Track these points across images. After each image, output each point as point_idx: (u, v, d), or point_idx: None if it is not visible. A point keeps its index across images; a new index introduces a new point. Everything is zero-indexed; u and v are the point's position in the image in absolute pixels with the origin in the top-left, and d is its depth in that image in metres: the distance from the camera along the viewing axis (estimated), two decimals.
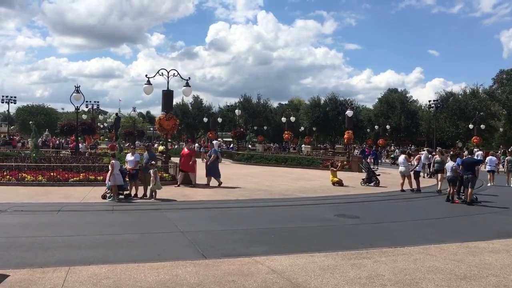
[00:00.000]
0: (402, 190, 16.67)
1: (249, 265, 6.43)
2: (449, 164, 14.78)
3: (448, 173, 14.56)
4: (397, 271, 6.25)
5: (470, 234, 9.26)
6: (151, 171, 13.45)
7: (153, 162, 14.04)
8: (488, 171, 20.41)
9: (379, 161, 36.56)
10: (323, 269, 6.29)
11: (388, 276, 6.01)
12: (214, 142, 40.81)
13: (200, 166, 18.07)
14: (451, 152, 17.86)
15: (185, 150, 17.55)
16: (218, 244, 7.92)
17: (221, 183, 17.03)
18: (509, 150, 25.18)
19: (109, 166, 13.01)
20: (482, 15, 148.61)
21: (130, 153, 14.63)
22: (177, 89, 31.61)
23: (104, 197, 12.94)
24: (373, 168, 23.22)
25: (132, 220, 10.39)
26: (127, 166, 13.93)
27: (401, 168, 17.03)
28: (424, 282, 5.79)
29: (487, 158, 21.68)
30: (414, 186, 16.86)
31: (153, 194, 13.52)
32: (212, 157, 17.14)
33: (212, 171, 17.15)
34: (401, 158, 17.68)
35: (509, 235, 9.13)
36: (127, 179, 13.75)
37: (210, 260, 6.72)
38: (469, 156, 15.10)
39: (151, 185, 13.38)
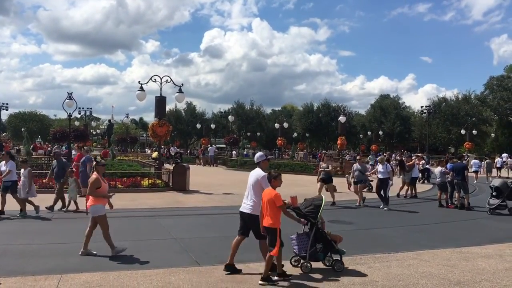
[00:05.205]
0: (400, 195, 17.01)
1: (243, 271, 6.41)
2: (438, 169, 15.39)
3: (437, 179, 15.02)
4: (390, 277, 6.26)
5: (463, 240, 9.31)
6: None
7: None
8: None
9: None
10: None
11: (382, 282, 6.02)
12: (209, 148, 40.80)
13: (197, 172, 17.93)
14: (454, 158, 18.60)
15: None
16: (212, 250, 7.90)
17: None
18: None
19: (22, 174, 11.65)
20: (474, 22, 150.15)
21: (4, 162, 11.93)
22: (170, 96, 31.43)
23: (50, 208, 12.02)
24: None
25: (125, 227, 10.30)
26: None
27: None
28: None
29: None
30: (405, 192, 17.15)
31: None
32: (88, 166, 14.69)
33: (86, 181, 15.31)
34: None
35: (501, 240, 9.21)
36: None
37: (203, 267, 6.71)
38: (458, 161, 15.57)
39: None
